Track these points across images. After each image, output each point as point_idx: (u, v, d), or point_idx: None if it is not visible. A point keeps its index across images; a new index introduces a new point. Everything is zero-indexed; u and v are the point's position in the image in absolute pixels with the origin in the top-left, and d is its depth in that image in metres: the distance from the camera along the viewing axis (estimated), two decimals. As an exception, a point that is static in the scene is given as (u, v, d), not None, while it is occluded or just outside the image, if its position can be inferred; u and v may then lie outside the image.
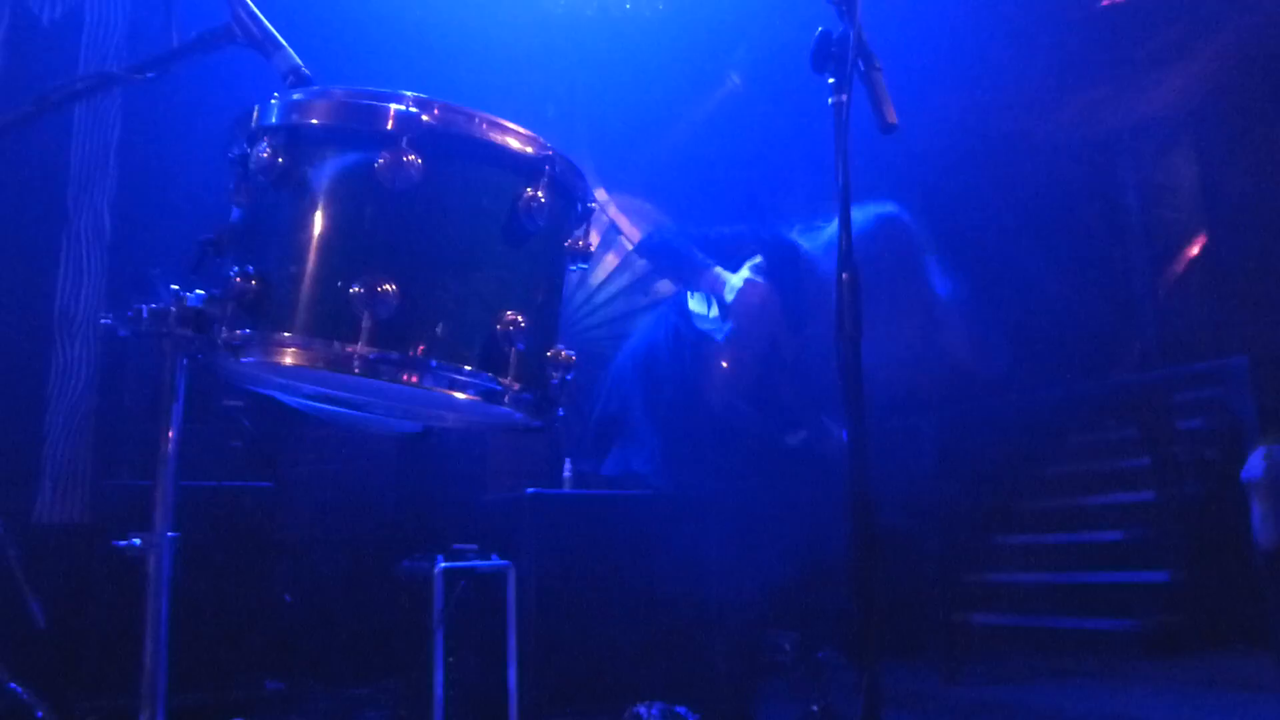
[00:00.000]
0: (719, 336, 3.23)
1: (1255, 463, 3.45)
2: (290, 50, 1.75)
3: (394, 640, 3.49)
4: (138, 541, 1.59)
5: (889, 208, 3.24)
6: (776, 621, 3.34)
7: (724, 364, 3.20)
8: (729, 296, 3.19)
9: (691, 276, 3.34)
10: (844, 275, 1.76)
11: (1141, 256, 6.43)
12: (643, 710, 2.97)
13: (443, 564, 3.01)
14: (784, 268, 3.20)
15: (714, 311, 3.25)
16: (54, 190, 3.59)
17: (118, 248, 3.66)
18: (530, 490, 3.39)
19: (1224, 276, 6.07)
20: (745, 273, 3.23)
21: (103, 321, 1.57)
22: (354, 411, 1.77)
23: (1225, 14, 5.42)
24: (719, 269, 3.28)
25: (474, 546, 3.16)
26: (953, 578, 5.11)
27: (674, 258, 3.46)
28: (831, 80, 1.81)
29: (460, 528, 3.58)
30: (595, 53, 5.21)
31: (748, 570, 3.28)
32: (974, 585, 5.49)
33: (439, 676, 3.07)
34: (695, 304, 3.38)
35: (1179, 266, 6.46)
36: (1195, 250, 6.44)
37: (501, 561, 3.11)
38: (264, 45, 1.74)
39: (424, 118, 1.46)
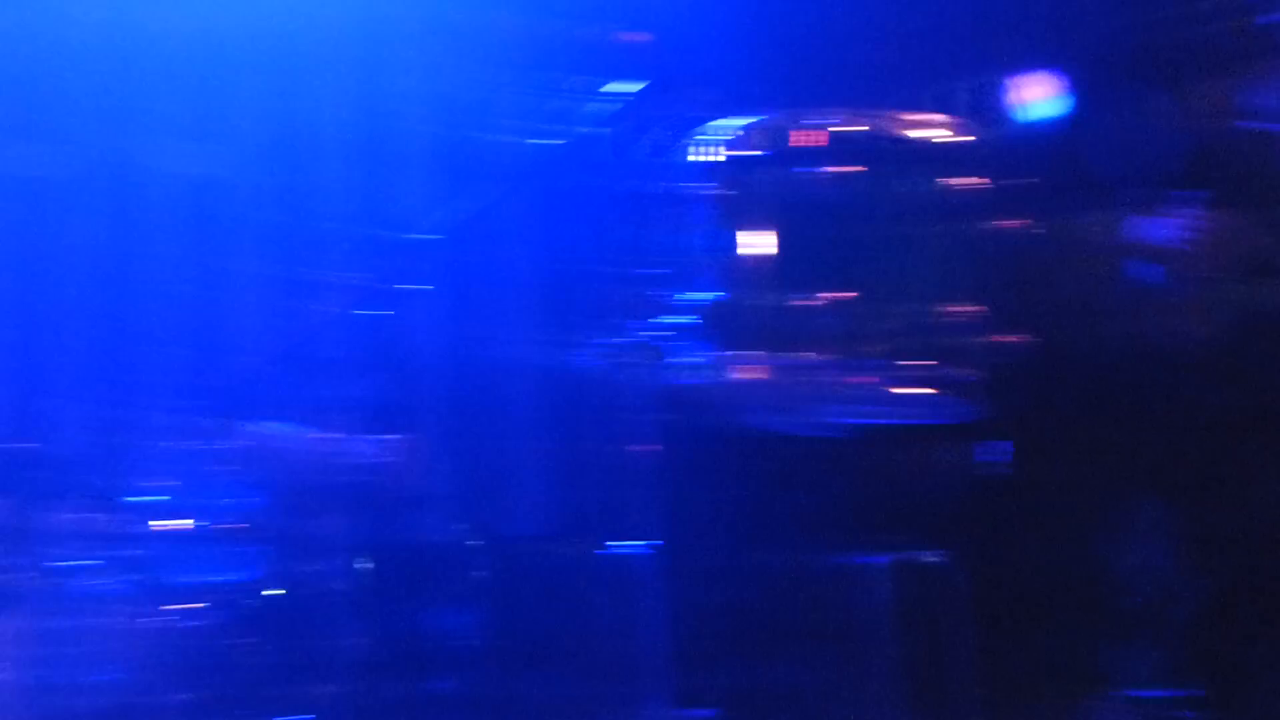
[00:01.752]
0: None
1: None
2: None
3: (827, 638, 3.53)
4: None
5: None
6: None
7: None
8: None
9: None
10: None
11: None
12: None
13: (885, 558, 3.03)
14: None
15: None
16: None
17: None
18: (969, 477, 3.30)
19: None
20: None
21: (577, 357, 1.77)
22: (802, 416, 1.83)
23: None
24: None
25: (911, 538, 3.14)
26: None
27: None
28: None
29: (888, 519, 3.57)
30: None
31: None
32: None
33: (890, 674, 3.08)
34: None
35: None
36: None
37: (944, 553, 3.07)
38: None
39: (851, 129, 1.51)
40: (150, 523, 2.20)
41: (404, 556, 2.44)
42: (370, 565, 2.36)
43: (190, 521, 2.26)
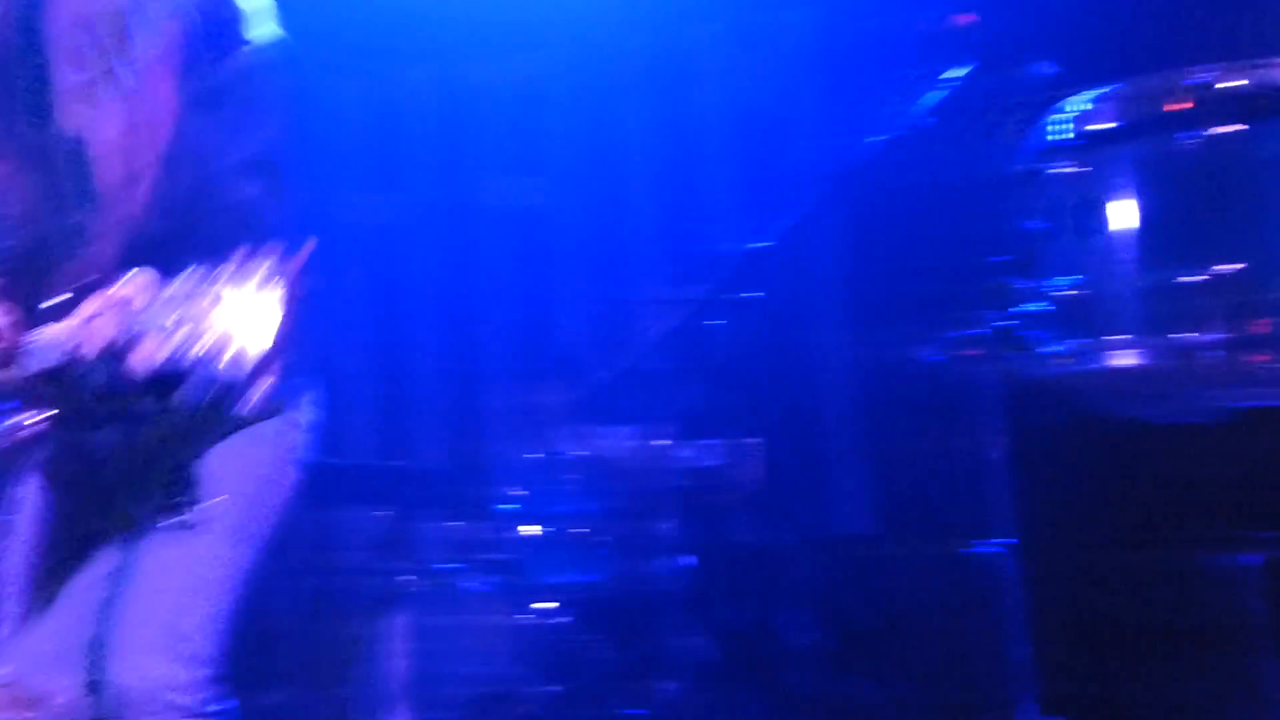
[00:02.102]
0: None
1: None
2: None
3: (1197, 644, 3.23)
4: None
5: None
6: None
7: None
8: None
9: None
10: None
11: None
12: None
13: (1263, 556, 2.74)
14: None
15: None
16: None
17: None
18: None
19: None
20: None
21: (919, 353, 1.74)
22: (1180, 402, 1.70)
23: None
24: None
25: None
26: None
27: None
28: None
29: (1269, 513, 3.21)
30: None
31: None
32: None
33: (1268, 684, 2.79)
34: None
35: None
36: None
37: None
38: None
39: (1224, 85, 1.38)
40: (515, 528, 2.40)
41: (748, 557, 2.50)
42: (709, 566, 2.44)
43: (538, 527, 2.45)
